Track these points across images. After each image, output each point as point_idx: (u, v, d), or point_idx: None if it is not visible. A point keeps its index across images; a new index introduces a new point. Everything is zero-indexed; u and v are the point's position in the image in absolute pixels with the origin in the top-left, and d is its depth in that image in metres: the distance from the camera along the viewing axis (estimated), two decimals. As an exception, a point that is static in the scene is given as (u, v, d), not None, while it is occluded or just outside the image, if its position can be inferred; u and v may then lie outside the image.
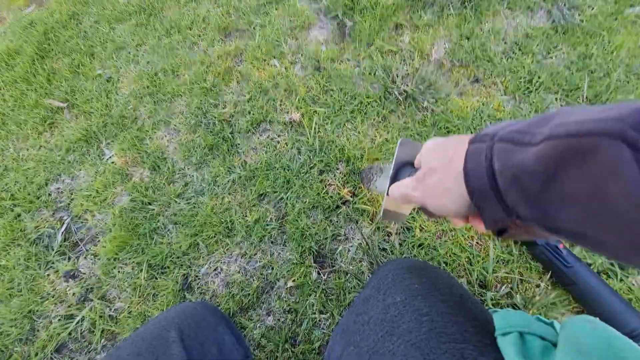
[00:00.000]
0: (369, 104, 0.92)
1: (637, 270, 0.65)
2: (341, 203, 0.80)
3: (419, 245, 0.73)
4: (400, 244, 0.74)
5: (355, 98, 0.94)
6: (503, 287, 0.66)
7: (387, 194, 0.40)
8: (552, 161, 0.19)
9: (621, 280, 0.65)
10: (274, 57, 1.07)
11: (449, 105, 0.89)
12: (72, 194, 0.98)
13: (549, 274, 0.64)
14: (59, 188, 1.00)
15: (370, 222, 0.78)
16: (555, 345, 0.29)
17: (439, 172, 0.29)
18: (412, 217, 0.76)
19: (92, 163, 1.01)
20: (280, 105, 0.98)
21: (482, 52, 0.93)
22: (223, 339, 0.54)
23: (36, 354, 0.76)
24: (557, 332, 0.30)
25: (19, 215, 0.96)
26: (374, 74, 0.96)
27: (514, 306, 0.65)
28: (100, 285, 0.83)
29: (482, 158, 0.24)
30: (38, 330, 0.79)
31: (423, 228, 0.75)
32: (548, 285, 0.65)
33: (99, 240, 0.90)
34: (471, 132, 0.84)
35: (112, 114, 1.08)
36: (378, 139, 0.87)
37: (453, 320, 0.31)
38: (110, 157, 1.02)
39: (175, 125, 1.03)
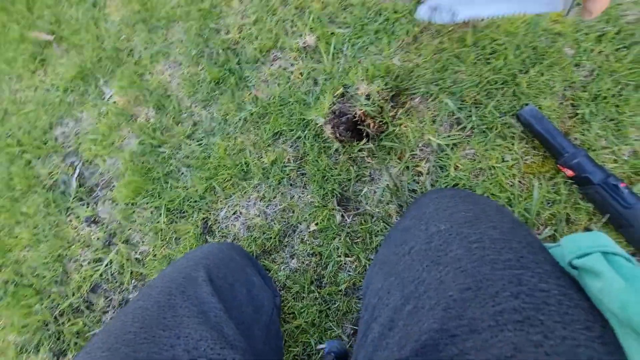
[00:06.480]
0: (396, 20, 0.77)
1: None
2: (366, 140, 0.72)
3: (454, 186, 0.66)
4: (432, 185, 0.67)
5: (380, 14, 0.79)
6: (546, 229, 0.61)
7: None
8: None
9: (684, 220, 0.57)
10: (281, -35, 0.89)
11: (495, 18, 0.73)
12: (78, 137, 0.93)
13: (602, 216, 0.57)
14: (64, 132, 0.95)
15: (399, 161, 0.70)
16: None
17: None
18: (446, 154, 0.68)
19: (93, 104, 0.94)
20: (292, 27, 0.84)
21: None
22: (252, 280, 0.53)
23: (73, 294, 0.80)
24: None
25: (30, 162, 0.93)
26: (404, -19, 0.78)
27: (557, 249, 0.60)
28: (122, 230, 0.83)
29: None
30: (71, 273, 0.82)
31: (458, 167, 0.67)
32: (599, 228, 0.58)
33: (114, 186, 0.88)
34: (521, 51, 0.70)
35: (105, 46, 0.97)
36: (408, 64, 0.74)
37: (507, 246, 0.27)
38: (110, 95, 0.94)
39: (175, 57, 0.91)
